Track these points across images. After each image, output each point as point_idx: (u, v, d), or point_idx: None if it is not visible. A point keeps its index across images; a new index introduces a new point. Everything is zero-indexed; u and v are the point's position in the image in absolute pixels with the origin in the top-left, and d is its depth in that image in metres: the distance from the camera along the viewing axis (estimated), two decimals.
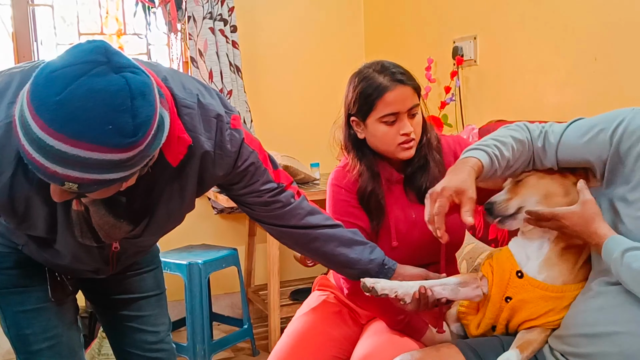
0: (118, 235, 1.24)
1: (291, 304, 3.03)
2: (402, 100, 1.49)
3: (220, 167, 1.24)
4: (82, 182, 0.94)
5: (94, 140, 0.89)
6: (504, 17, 2.41)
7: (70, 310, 1.46)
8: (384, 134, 1.51)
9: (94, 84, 0.89)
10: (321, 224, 1.43)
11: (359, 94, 1.53)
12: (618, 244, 1.16)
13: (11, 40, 2.93)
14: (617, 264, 1.15)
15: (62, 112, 0.89)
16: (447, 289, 1.38)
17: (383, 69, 1.52)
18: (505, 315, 1.37)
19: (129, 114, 0.90)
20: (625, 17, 1.87)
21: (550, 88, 2.19)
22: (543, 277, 1.32)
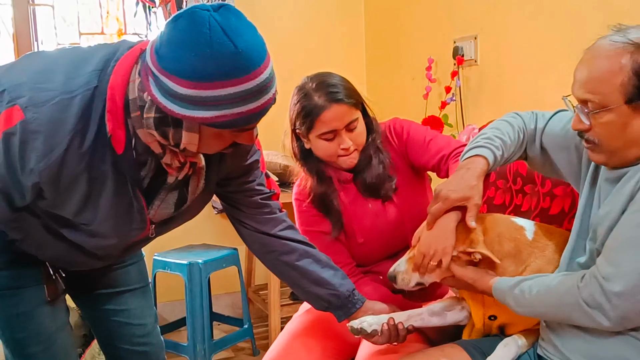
0: (166, 215, 1.28)
1: (291, 303, 3.03)
2: (338, 118, 1.55)
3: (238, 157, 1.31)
4: (270, 101, 1.08)
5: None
6: (504, 17, 2.41)
7: (62, 310, 1.43)
8: (325, 148, 1.58)
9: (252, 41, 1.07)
10: (299, 240, 1.50)
11: (299, 111, 1.59)
12: (501, 288, 1.23)
13: (12, 40, 2.93)
14: (513, 304, 1.21)
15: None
16: (434, 316, 1.41)
17: (319, 87, 1.58)
18: (497, 330, 1.37)
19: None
20: (625, 17, 1.87)
21: (550, 88, 2.19)
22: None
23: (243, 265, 3.26)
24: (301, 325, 1.65)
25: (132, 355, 1.56)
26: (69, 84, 1.07)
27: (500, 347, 1.29)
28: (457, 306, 1.41)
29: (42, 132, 1.05)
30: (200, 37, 0.98)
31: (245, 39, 1.03)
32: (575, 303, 1.11)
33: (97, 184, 1.14)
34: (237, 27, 1.02)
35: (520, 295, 1.19)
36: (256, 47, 1.07)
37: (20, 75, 1.10)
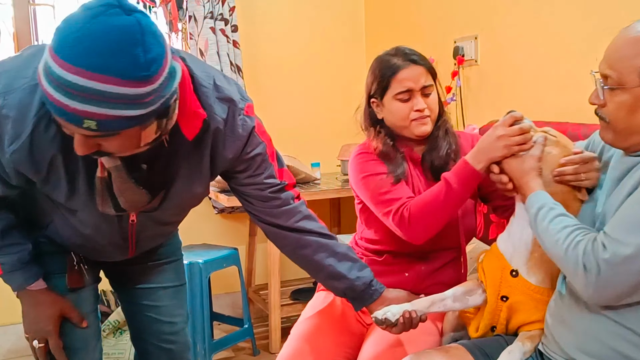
0: (137, 203, 1.27)
1: (292, 303, 3.03)
2: (414, 78, 1.59)
3: (230, 149, 1.29)
4: (101, 118, 0.98)
5: (110, 71, 0.95)
6: (505, 17, 2.41)
7: (87, 300, 1.48)
8: (399, 109, 1.60)
9: (109, 22, 0.96)
10: (315, 231, 1.45)
11: (376, 75, 1.64)
12: (538, 199, 1.24)
13: (12, 40, 2.93)
14: (532, 218, 1.24)
15: (80, 47, 0.95)
16: (457, 301, 1.41)
17: (397, 51, 1.65)
18: (505, 315, 1.37)
19: (141, 47, 0.97)
20: (626, 17, 1.87)
21: (551, 88, 2.19)
22: (534, 280, 1.33)
23: (243, 265, 3.26)
24: (311, 328, 1.63)
25: (158, 351, 1.61)
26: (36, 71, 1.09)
27: (504, 354, 1.29)
28: (477, 290, 1.41)
29: (11, 116, 1.10)
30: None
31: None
32: (573, 255, 1.12)
33: (73, 169, 1.19)
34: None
35: (540, 217, 1.22)
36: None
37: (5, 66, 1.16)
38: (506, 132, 1.33)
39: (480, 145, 1.40)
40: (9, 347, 2.86)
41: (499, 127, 1.35)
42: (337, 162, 3.14)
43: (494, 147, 1.35)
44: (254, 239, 3.31)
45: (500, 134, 1.34)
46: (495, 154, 1.36)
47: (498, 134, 1.35)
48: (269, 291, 2.83)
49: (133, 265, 1.55)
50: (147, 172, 1.23)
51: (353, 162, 1.67)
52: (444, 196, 1.44)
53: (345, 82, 3.52)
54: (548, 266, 1.31)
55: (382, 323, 1.37)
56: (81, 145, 1.05)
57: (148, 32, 0.98)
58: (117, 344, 2.59)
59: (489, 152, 1.37)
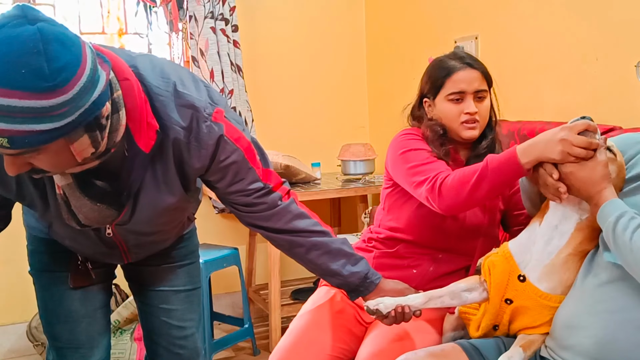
0: (100, 219, 1.24)
1: (292, 303, 3.03)
2: (468, 80, 1.60)
3: (197, 159, 1.22)
4: (10, 134, 0.92)
5: (10, 85, 0.89)
6: (505, 17, 2.41)
7: (96, 297, 1.50)
8: (450, 110, 1.61)
9: (7, 33, 0.91)
10: (307, 229, 1.41)
11: (430, 75, 1.66)
12: (615, 208, 1.16)
13: None
14: (609, 228, 1.15)
15: None
16: (455, 298, 1.39)
17: (455, 54, 1.66)
18: (508, 318, 1.36)
19: (43, 57, 0.91)
20: (626, 17, 1.87)
21: (551, 88, 2.19)
22: (544, 287, 1.31)
23: (243, 264, 3.26)
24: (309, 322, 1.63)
25: (167, 354, 1.60)
26: None
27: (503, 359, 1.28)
28: (478, 288, 1.39)
29: None
30: None
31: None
32: None
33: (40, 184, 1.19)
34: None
35: (620, 228, 1.13)
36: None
37: None
38: (571, 139, 1.22)
39: (536, 140, 1.29)
40: (9, 347, 2.86)
41: (565, 130, 1.23)
42: (337, 161, 3.14)
43: (549, 148, 1.25)
44: (254, 238, 3.31)
45: (563, 137, 1.22)
46: (548, 155, 1.25)
47: (561, 137, 1.23)
48: (269, 291, 2.83)
49: (148, 267, 1.55)
50: (108, 186, 1.19)
51: (395, 140, 1.67)
52: (477, 176, 1.38)
53: (346, 81, 3.52)
54: (564, 275, 1.30)
55: (374, 313, 1.38)
56: (10, 165, 1.00)
57: (53, 40, 0.92)
58: (117, 343, 2.59)
59: (542, 150, 1.26)
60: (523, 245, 1.36)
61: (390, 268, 1.58)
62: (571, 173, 1.23)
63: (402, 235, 1.67)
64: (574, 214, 1.29)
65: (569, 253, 1.30)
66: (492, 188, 1.38)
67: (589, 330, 1.19)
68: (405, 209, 1.66)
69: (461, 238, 1.64)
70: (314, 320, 1.63)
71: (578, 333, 1.21)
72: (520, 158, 1.30)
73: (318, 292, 1.74)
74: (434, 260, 1.65)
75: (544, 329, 1.32)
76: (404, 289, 1.48)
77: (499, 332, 1.41)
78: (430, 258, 1.65)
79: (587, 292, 1.24)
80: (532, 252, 1.33)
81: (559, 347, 1.25)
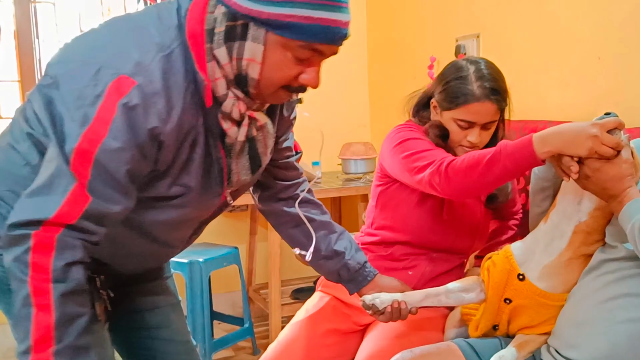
0: (247, 181, 1.20)
1: (292, 302, 3.02)
2: (483, 115, 1.53)
3: (287, 110, 1.30)
4: (347, 26, 1.01)
5: None
6: (507, 16, 2.40)
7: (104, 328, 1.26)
8: (453, 132, 1.56)
9: None
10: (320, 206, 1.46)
11: (449, 89, 1.56)
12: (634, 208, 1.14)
13: (13, 37, 2.92)
14: (635, 228, 1.12)
15: None
16: (452, 298, 1.39)
17: (482, 77, 1.53)
18: (507, 318, 1.36)
19: None
20: (628, 16, 1.86)
21: (553, 87, 2.18)
22: (543, 285, 1.31)
23: (244, 264, 3.25)
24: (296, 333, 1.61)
25: None
26: (161, 42, 1.01)
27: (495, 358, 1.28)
28: (476, 288, 1.39)
29: (160, 92, 0.98)
30: None
31: None
32: None
33: (192, 145, 1.07)
34: None
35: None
36: None
37: (106, 49, 1.01)
38: (601, 136, 1.17)
39: (557, 130, 1.23)
40: (9, 346, 2.86)
41: (597, 127, 1.18)
42: (338, 160, 3.13)
43: (577, 142, 1.18)
44: (254, 237, 3.30)
45: (595, 134, 1.17)
46: (573, 149, 1.19)
47: (593, 134, 1.17)
48: (269, 290, 2.82)
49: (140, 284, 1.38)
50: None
51: (390, 134, 1.64)
52: (489, 159, 1.32)
53: (347, 80, 3.51)
54: (567, 277, 1.29)
55: (369, 308, 1.37)
56: (318, 73, 1.05)
57: None
58: None
59: (566, 143, 1.20)
60: (526, 247, 1.35)
61: (385, 271, 1.56)
62: (598, 170, 1.19)
63: (398, 235, 1.65)
64: (574, 215, 1.28)
65: (570, 257, 1.29)
66: (503, 174, 1.32)
67: (601, 327, 1.18)
68: (401, 208, 1.64)
69: (458, 236, 1.63)
70: (301, 332, 1.60)
71: (587, 331, 1.20)
72: (536, 147, 1.23)
73: (313, 297, 1.73)
74: (429, 261, 1.64)
75: (543, 328, 1.32)
76: (399, 286, 1.47)
77: (499, 332, 1.40)
78: (426, 258, 1.64)
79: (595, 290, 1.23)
80: (535, 253, 1.33)
81: (565, 347, 1.24)
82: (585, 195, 1.26)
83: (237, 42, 1.01)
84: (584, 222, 1.27)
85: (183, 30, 1.03)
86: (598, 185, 1.20)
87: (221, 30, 1.01)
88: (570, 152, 1.20)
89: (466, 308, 1.47)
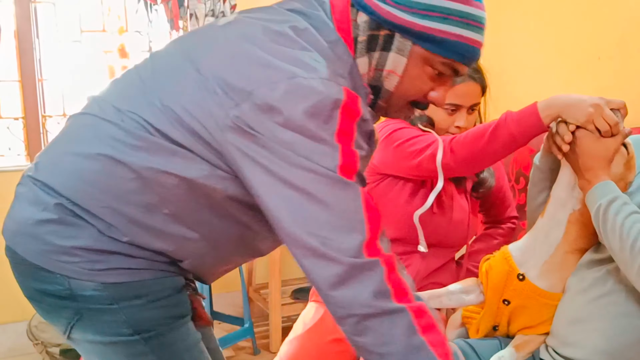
0: None
1: (292, 302, 3.02)
2: (468, 95, 1.57)
3: None
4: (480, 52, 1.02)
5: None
6: (507, 16, 2.40)
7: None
8: (441, 118, 1.59)
9: None
10: None
11: None
12: (609, 190, 1.15)
13: (13, 37, 2.92)
14: (600, 210, 1.14)
15: None
16: (453, 299, 1.39)
17: None
18: (506, 319, 1.36)
19: None
20: (629, 16, 1.86)
21: (553, 87, 2.18)
22: (543, 284, 1.31)
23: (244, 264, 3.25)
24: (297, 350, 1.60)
25: None
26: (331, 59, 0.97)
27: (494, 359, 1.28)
28: (475, 290, 1.40)
29: (362, 102, 0.95)
30: None
31: None
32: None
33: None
34: None
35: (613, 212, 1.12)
36: None
37: (290, 63, 0.92)
38: (603, 110, 1.19)
39: (561, 96, 1.26)
40: (9, 345, 2.86)
41: (602, 100, 1.20)
42: None
43: (579, 107, 1.20)
44: None
45: (597, 104, 1.19)
46: (574, 113, 1.21)
47: (594, 102, 1.19)
48: (269, 290, 2.82)
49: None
50: None
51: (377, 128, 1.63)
52: (494, 127, 1.34)
53: None
54: (564, 274, 1.29)
55: None
56: (447, 92, 1.05)
57: None
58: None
59: (568, 107, 1.22)
60: (526, 245, 1.35)
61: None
62: (585, 139, 1.20)
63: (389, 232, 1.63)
64: (568, 202, 1.28)
65: (566, 251, 1.29)
66: (509, 142, 1.33)
67: (595, 323, 1.19)
68: (392, 205, 1.62)
69: (449, 230, 1.63)
70: (302, 348, 1.60)
71: (583, 327, 1.21)
72: (540, 111, 1.27)
73: (308, 309, 1.71)
74: (422, 258, 1.64)
75: (542, 328, 1.32)
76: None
77: (499, 333, 1.40)
78: (419, 256, 1.64)
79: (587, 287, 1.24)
80: (534, 249, 1.33)
81: (562, 345, 1.25)
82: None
83: (377, 52, 1.00)
84: (578, 211, 1.27)
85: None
86: (578, 155, 1.21)
87: (364, 39, 1.00)
88: (569, 116, 1.22)
89: (467, 311, 1.47)
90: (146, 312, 1.01)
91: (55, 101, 3.05)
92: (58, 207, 0.97)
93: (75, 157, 0.99)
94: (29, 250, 1.00)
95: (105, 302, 0.99)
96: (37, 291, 1.03)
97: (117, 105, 0.99)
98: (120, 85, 1.05)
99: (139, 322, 1.01)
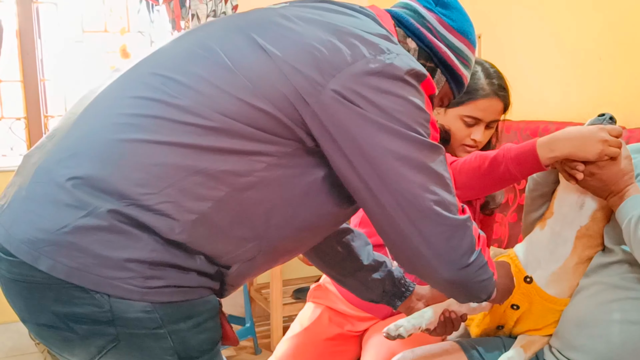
0: None
1: (294, 302, 3.02)
2: (490, 112, 1.54)
3: None
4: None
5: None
6: (508, 16, 2.40)
7: None
8: (458, 130, 1.55)
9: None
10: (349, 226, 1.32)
11: None
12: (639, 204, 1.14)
13: (15, 37, 2.93)
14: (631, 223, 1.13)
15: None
16: (464, 306, 1.34)
17: (493, 75, 1.56)
18: (512, 322, 1.35)
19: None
20: (629, 16, 1.86)
21: (554, 88, 2.18)
22: (552, 291, 1.30)
23: None
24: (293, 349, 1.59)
25: None
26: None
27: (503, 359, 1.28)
28: None
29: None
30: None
31: None
32: None
33: None
34: None
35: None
36: None
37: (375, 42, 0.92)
38: (609, 140, 1.18)
39: (565, 136, 1.22)
40: (11, 345, 2.86)
41: (604, 131, 1.19)
42: None
43: (587, 147, 1.19)
44: None
45: (604, 138, 1.18)
46: (583, 153, 1.19)
47: (602, 138, 1.18)
48: (270, 290, 2.82)
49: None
50: None
51: None
52: (489, 163, 1.31)
53: None
54: (574, 282, 1.29)
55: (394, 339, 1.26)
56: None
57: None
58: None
59: (575, 148, 1.20)
60: (529, 253, 1.34)
61: None
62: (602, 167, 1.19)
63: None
64: (575, 220, 1.28)
65: (576, 262, 1.29)
66: (506, 177, 1.30)
67: (600, 329, 1.19)
68: None
69: None
70: (298, 347, 1.59)
71: (589, 332, 1.20)
72: (540, 153, 1.23)
73: (306, 309, 1.70)
74: None
75: (547, 331, 1.32)
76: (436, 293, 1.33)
77: (502, 333, 1.40)
78: None
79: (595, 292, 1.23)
80: (540, 261, 1.32)
81: (567, 348, 1.24)
82: (587, 197, 1.26)
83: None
84: (585, 226, 1.27)
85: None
86: (601, 182, 1.20)
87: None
88: (579, 156, 1.20)
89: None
90: (193, 336, 0.88)
91: (57, 101, 3.06)
92: (110, 213, 0.80)
93: (144, 145, 0.84)
94: (59, 265, 0.80)
95: (152, 326, 0.84)
96: (60, 316, 0.83)
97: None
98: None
99: (186, 349, 0.88)
